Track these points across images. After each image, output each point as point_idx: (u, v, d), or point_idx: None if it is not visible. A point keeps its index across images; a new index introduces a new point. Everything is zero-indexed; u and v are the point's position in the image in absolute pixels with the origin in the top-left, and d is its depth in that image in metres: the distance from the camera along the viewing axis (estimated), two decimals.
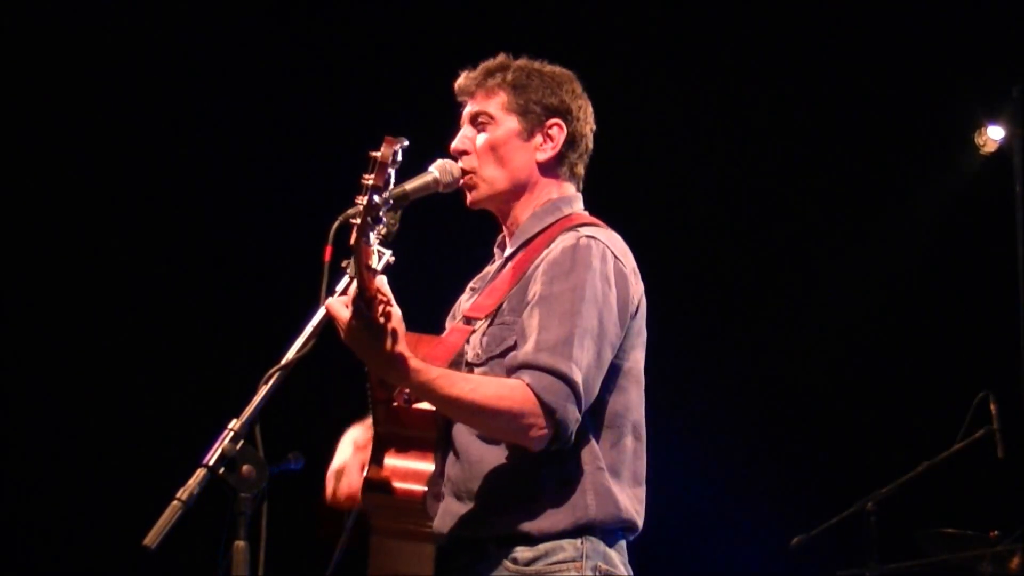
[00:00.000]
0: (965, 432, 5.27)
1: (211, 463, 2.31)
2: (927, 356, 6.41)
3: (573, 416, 2.64)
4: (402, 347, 2.53)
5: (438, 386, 2.60)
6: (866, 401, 6.48)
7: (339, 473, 2.93)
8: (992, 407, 5.24)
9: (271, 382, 2.41)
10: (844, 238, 6.59)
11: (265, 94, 6.42)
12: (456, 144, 2.94)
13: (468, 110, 2.96)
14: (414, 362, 2.56)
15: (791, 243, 6.57)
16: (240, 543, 2.32)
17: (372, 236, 2.41)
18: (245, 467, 2.33)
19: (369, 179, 2.39)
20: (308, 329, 2.48)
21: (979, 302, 6.30)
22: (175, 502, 2.27)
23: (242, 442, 2.35)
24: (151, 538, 2.25)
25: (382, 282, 2.50)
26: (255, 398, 2.39)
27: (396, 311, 2.52)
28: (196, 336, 6.37)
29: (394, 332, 2.51)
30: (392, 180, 2.43)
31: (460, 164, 2.91)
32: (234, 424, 2.36)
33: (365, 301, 2.48)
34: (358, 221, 2.38)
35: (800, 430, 6.42)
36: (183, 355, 6.35)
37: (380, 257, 2.46)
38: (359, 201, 2.39)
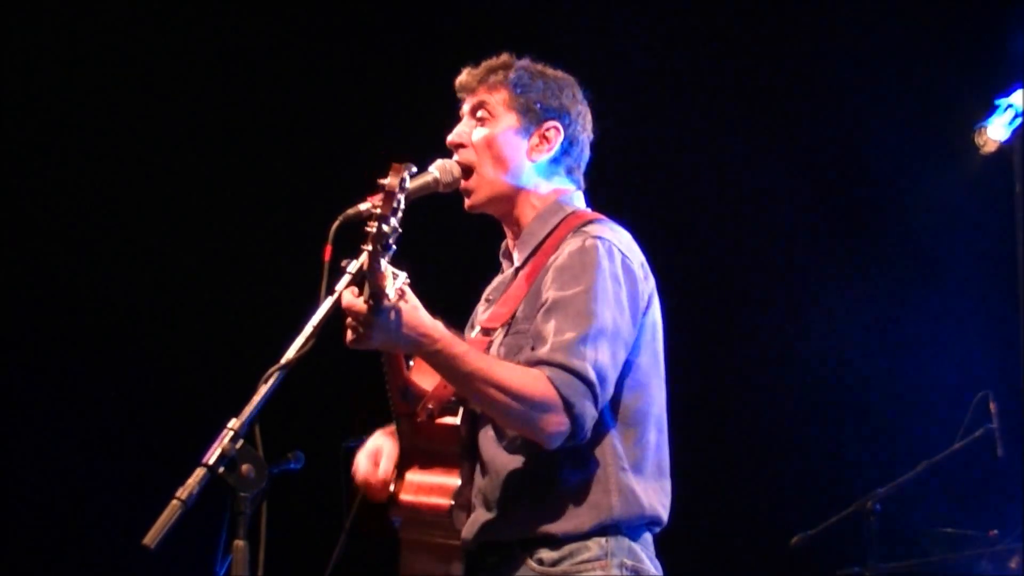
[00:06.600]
0: (965, 432, 5.27)
1: (211, 463, 2.31)
2: (927, 356, 6.40)
3: (590, 412, 2.65)
4: (424, 317, 2.55)
5: (463, 361, 2.60)
6: (866, 400, 6.47)
7: (373, 454, 2.89)
8: (992, 407, 5.24)
9: (271, 382, 2.41)
10: (844, 237, 6.58)
11: (265, 93, 6.42)
12: (452, 137, 2.94)
13: (468, 104, 2.96)
14: (440, 332, 2.58)
15: (791, 242, 6.57)
16: (240, 543, 2.32)
17: (383, 262, 2.42)
18: (245, 467, 2.33)
19: (378, 208, 2.39)
20: (308, 328, 2.48)
21: (979, 302, 6.30)
22: (175, 502, 2.27)
23: (242, 442, 2.35)
24: (151, 538, 2.25)
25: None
26: (255, 398, 2.39)
27: (413, 297, 2.55)
28: (196, 336, 6.37)
29: (414, 307, 2.53)
30: (401, 206, 2.43)
31: (456, 157, 2.91)
32: (234, 424, 2.36)
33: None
34: (369, 248, 2.39)
35: (800, 429, 6.41)
36: (183, 355, 6.34)
37: (395, 279, 2.47)
38: (370, 222, 2.40)
